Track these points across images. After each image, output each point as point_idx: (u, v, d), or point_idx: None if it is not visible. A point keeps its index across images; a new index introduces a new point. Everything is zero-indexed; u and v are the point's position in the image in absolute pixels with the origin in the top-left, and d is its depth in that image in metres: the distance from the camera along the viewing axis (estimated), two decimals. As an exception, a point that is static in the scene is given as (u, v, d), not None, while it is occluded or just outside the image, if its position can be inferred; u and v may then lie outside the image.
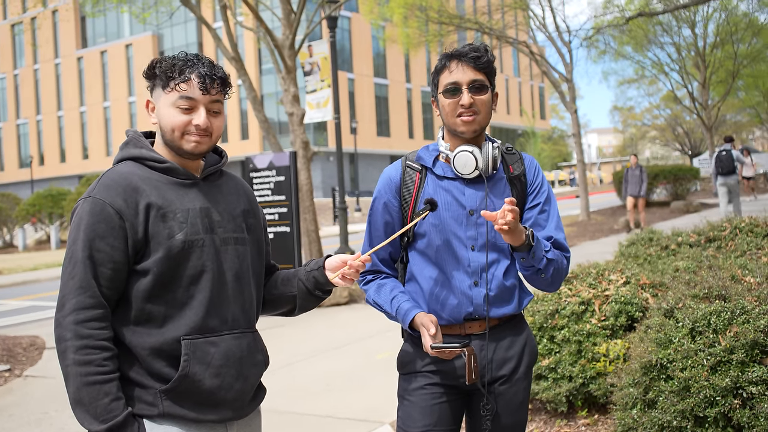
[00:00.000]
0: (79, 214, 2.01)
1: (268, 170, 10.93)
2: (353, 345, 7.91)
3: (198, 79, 2.07)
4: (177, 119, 2.07)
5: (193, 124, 2.08)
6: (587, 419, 4.43)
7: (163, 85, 2.08)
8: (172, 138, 2.09)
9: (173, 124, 2.07)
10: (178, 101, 2.07)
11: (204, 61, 2.10)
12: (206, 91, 2.07)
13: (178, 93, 2.06)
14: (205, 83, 2.07)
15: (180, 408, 2.01)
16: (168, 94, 2.08)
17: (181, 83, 2.06)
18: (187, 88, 2.06)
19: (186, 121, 2.07)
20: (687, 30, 32.55)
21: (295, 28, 12.02)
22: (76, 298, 1.94)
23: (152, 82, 2.12)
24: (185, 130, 2.08)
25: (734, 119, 51.02)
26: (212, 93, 2.09)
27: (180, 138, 2.09)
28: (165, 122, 2.09)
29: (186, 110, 2.07)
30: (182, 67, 2.06)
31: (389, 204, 2.50)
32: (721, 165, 15.35)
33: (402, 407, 2.51)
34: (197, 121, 2.07)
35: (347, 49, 53.25)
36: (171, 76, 2.07)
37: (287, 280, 2.34)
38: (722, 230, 5.87)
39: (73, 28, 60.72)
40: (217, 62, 2.18)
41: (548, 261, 2.40)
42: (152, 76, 2.11)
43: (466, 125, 2.39)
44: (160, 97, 2.10)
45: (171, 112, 2.07)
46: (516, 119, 70.54)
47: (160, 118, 2.10)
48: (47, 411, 6.12)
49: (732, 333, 3.12)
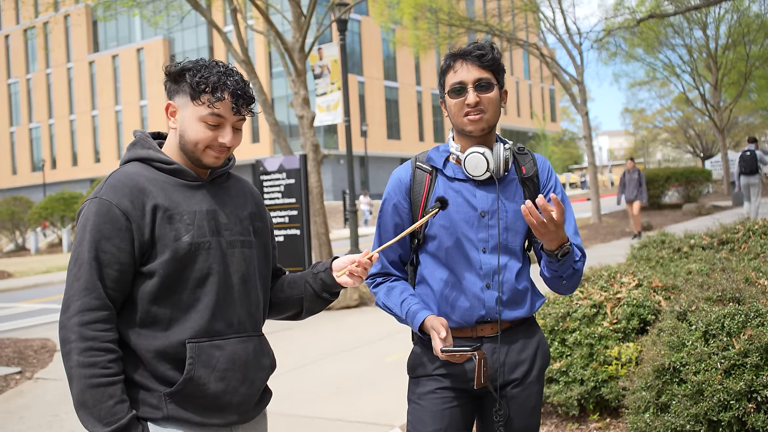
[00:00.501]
0: (85, 215, 1.99)
1: (279, 173, 10.93)
2: (363, 348, 7.89)
3: (231, 98, 2.04)
4: (204, 135, 2.05)
5: (218, 142, 2.06)
6: (599, 423, 4.39)
7: (192, 96, 2.04)
8: (194, 150, 2.07)
9: (199, 139, 2.05)
10: (207, 117, 2.04)
11: (236, 77, 2.07)
12: (238, 112, 2.06)
13: (209, 109, 2.03)
14: (238, 104, 2.05)
15: (185, 411, 1.99)
16: (197, 106, 2.04)
17: (215, 102, 2.02)
18: (220, 106, 2.03)
19: (212, 137, 2.05)
20: (698, 31, 32.42)
21: (305, 32, 12.03)
22: (81, 299, 1.92)
23: (176, 86, 2.08)
24: (209, 145, 2.06)
25: (746, 121, 50.70)
26: (242, 113, 2.08)
27: (202, 152, 2.07)
28: (190, 135, 2.06)
29: (213, 126, 2.05)
30: (216, 84, 2.03)
31: (399, 206, 2.47)
32: (744, 165, 15.88)
33: (412, 411, 2.47)
34: (223, 140, 2.06)
35: (357, 52, 53.30)
36: (204, 90, 2.03)
37: (294, 283, 2.32)
38: (735, 233, 5.82)
39: (84, 32, 61.04)
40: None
41: (574, 271, 2.37)
42: (179, 81, 2.07)
43: (473, 124, 2.36)
44: (187, 106, 2.06)
45: (198, 127, 2.05)
46: (527, 122, 70.40)
47: (185, 128, 2.07)
48: (58, 413, 6.13)
49: (746, 336, 3.08)
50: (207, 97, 2.03)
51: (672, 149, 68.76)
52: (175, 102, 2.09)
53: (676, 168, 27.77)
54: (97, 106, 61.80)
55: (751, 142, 16.46)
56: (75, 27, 59.95)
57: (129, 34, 60.22)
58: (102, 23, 59.45)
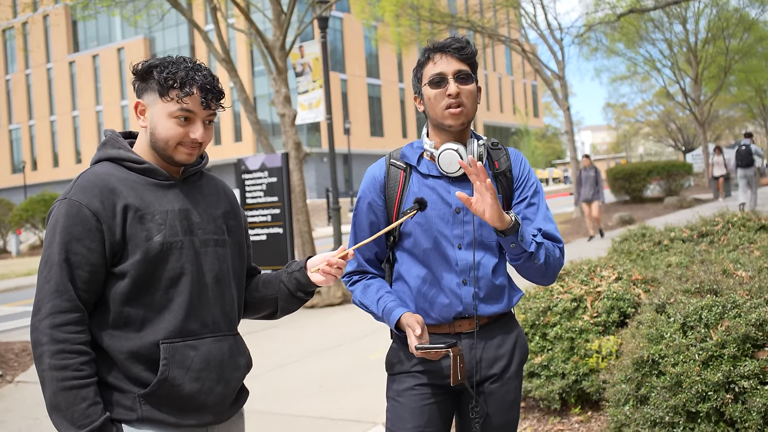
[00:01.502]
0: (55, 216, 1.97)
1: (261, 172, 10.90)
2: (346, 345, 7.88)
3: (200, 93, 2.03)
4: (174, 131, 2.03)
5: (189, 138, 2.04)
6: (580, 416, 4.40)
7: (160, 92, 2.02)
8: (165, 147, 2.05)
9: (170, 136, 2.03)
10: (177, 113, 2.02)
11: (204, 71, 2.05)
12: (207, 106, 2.04)
13: (178, 105, 2.01)
14: (207, 98, 2.03)
15: (159, 413, 1.97)
16: (166, 103, 2.02)
17: (184, 97, 2.01)
18: (189, 102, 2.02)
19: (183, 133, 2.03)
20: (678, 26, 32.61)
21: (285, 29, 11.98)
22: (52, 301, 1.90)
23: (144, 84, 2.06)
24: (180, 142, 2.04)
25: (727, 114, 51.16)
26: (212, 107, 2.06)
27: (174, 149, 2.05)
28: (161, 132, 2.03)
29: (184, 122, 2.03)
30: (184, 79, 2.01)
31: (374, 203, 2.46)
32: (740, 158, 17.25)
33: (391, 408, 2.46)
34: (194, 135, 2.04)
35: (339, 49, 53.19)
36: (172, 86, 2.01)
37: (269, 283, 2.30)
38: (715, 225, 5.87)
39: (64, 32, 60.54)
40: (209, 65, 2.14)
41: (538, 245, 2.35)
42: (147, 78, 2.05)
43: (453, 118, 2.34)
44: (156, 103, 2.04)
45: (168, 124, 2.02)
46: (509, 117, 70.58)
47: (155, 126, 2.04)
48: (38, 417, 6.08)
49: (723, 327, 3.10)
50: (175, 92, 2.01)
51: (654, 143, 69.26)
52: (144, 100, 2.07)
53: (657, 162, 27.95)
54: (78, 106, 61.32)
55: (747, 136, 17.60)
56: (54, 27, 59.44)
57: (109, 33, 59.76)
58: (82, 23, 59.01)
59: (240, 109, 50.11)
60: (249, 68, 51.01)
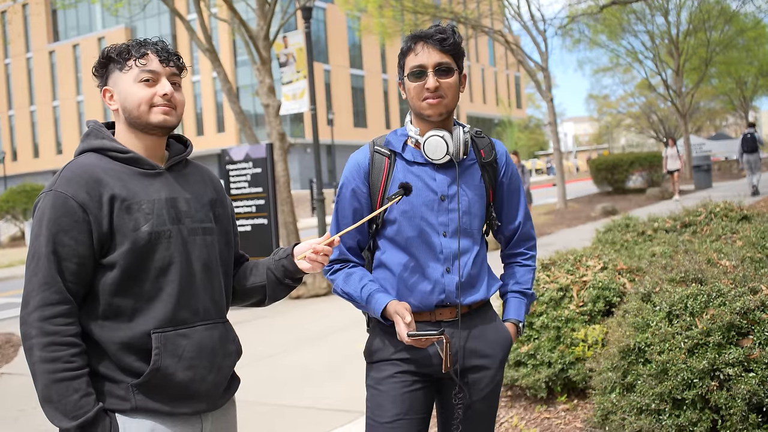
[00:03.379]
0: (41, 209, 1.96)
1: (245, 162, 10.86)
2: (333, 336, 7.90)
3: (155, 53, 2.07)
4: (142, 93, 2.04)
5: (159, 95, 2.05)
6: (567, 404, 4.45)
7: (120, 67, 2.06)
8: (139, 114, 2.05)
9: (140, 99, 2.04)
10: (140, 75, 2.05)
11: (154, 39, 2.12)
12: (167, 62, 2.07)
13: (138, 68, 2.05)
14: (163, 55, 2.07)
15: (153, 402, 1.98)
16: (127, 72, 2.06)
17: (139, 59, 2.05)
18: (146, 62, 2.05)
19: (152, 93, 2.05)
20: (660, 18, 32.80)
21: (269, 19, 11.93)
22: (41, 294, 1.90)
23: (104, 71, 2.10)
24: (152, 103, 2.05)
25: (708, 106, 51.50)
26: (171, 65, 2.08)
27: (147, 112, 2.05)
28: (131, 100, 2.05)
29: (148, 83, 2.05)
30: (137, 47, 2.07)
31: (357, 190, 2.45)
32: (746, 145, 19.82)
33: (371, 397, 2.45)
34: (163, 90, 2.05)
35: (323, 39, 52.99)
36: (127, 57, 2.05)
37: (256, 270, 2.31)
38: (698, 215, 5.92)
39: (44, 21, 59.85)
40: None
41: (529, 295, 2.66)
42: (105, 64, 2.09)
43: (431, 108, 2.35)
44: (120, 79, 2.07)
45: (134, 88, 2.05)
46: (492, 108, 70.69)
47: (124, 98, 2.06)
48: (24, 408, 6.05)
49: (708, 316, 3.14)
50: (132, 60, 2.05)
51: (636, 134, 69.66)
52: (109, 85, 2.10)
53: (639, 153, 28.13)
54: (58, 96, 60.71)
55: (751, 126, 20.52)
56: (34, 16, 58.74)
57: (90, 23, 59.13)
58: (62, 12, 58.39)
59: (223, 99, 49.81)
60: (232, 58, 50.69)
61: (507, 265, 2.68)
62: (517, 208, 2.58)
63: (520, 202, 2.59)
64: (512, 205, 2.57)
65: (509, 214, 2.58)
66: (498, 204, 2.55)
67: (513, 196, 2.57)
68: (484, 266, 2.49)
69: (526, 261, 2.65)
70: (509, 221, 2.59)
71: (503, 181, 2.53)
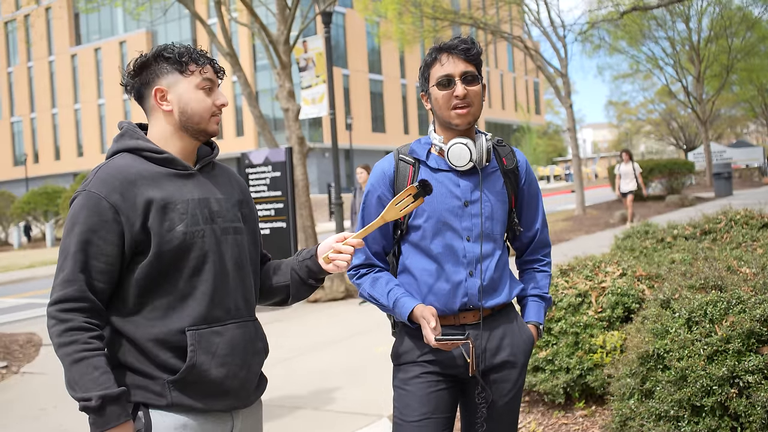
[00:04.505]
0: (74, 208, 2.02)
1: (264, 166, 10.92)
2: (351, 339, 7.92)
3: (209, 63, 2.14)
4: (205, 102, 2.12)
5: (216, 105, 2.14)
6: (585, 411, 4.44)
7: (180, 70, 2.10)
8: (200, 121, 2.12)
9: (204, 108, 2.11)
10: (202, 83, 2.11)
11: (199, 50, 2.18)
12: (220, 73, 2.17)
13: (201, 76, 2.11)
14: (217, 66, 2.16)
15: (188, 398, 2.02)
16: (189, 77, 2.11)
17: (202, 67, 2.12)
18: (207, 71, 2.12)
19: (212, 101, 2.13)
20: (681, 24, 32.63)
21: (289, 24, 11.99)
22: (63, 290, 1.95)
23: (155, 71, 2.11)
24: (213, 112, 2.13)
25: (729, 113, 51.13)
26: (219, 77, 2.17)
27: (208, 120, 2.13)
28: (194, 107, 2.11)
29: (208, 92, 2.13)
30: (192, 53, 2.12)
31: (383, 197, 2.51)
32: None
33: (398, 397, 2.51)
34: (221, 101, 2.15)
35: (342, 44, 53.15)
36: (188, 60, 2.11)
37: (280, 270, 2.35)
38: (718, 222, 5.88)
39: (66, 25, 60.46)
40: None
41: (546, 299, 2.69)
42: (155, 64, 2.11)
43: (460, 117, 2.43)
44: (179, 81, 2.11)
45: (198, 96, 2.11)
46: (511, 114, 70.52)
47: (186, 103, 2.10)
48: (45, 407, 6.12)
49: (728, 323, 3.13)
50: (194, 65, 2.11)
51: (655, 141, 69.19)
52: (162, 84, 2.11)
53: (659, 160, 27.97)
54: (80, 99, 61.28)
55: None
56: (57, 20, 59.34)
57: (111, 26, 59.68)
58: (84, 16, 58.94)
59: (242, 103, 50.08)
60: (251, 62, 50.98)
61: (524, 271, 2.74)
62: (536, 215, 2.66)
63: (538, 209, 2.66)
64: (531, 211, 2.65)
65: (528, 220, 2.65)
66: (518, 210, 2.62)
67: (532, 202, 2.65)
68: (505, 270, 2.55)
69: (543, 267, 2.72)
70: (528, 228, 2.66)
71: (524, 188, 2.61)
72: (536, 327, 2.61)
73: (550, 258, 2.74)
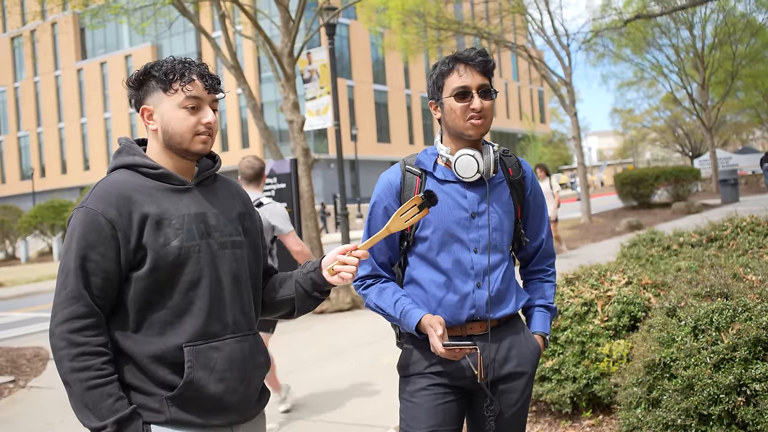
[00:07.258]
0: (72, 224, 2.02)
1: (269, 178, 10.93)
2: (357, 350, 7.91)
3: (201, 79, 2.08)
4: (187, 121, 2.07)
5: (202, 123, 2.08)
6: (592, 420, 4.42)
7: (164, 88, 2.07)
8: (181, 141, 2.08)
9: (185, 127, 2.07)
10: (185, 101, 2.06)
11: (197, 61, 2.13)
12: (212, 90, 2.10)
13: (184, 94, 2.06)
14: (208, 82, 2.09)
15: (186, 414, 2.02)
16: (172, 95, 2.06)
17: (186, 84, 2.06)
18: (192, 88, 2.07)
19: (195, 121, 2.08)
20: (685, 32, 32.67)
21: (293, 36, 12.04)
22: (69, 308, 1.95)
23: (144, 89, 2.10)
24: (196, 131, 2.08)
25: (734, 120, 51.01)
26: (214, 92, 2.11)
27: (190, 141, 2.08)
28: (175, 126, 2.07)
29: (192, 111, 2.08)
30: (182, 69, 2.07)
31: (390, 208, 2.50)
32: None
33: (405, 409, 2.50)
34: (207, 119, 2.08)
35: (346, 56, 53.33)
36: (173, 78, 2.06)
37: (285, 283, 2.33)
38: (723, 230, 5.87)
39: (72, 40, 60.87)
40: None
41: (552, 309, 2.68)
42: (144, 83, 2.10)
43: (475, 129, 2.42)
44: (162, 100, 2.08)
45: (180, 115, 2.06)
46: (516, 123, 70.59)
47: (167, 122, 2.07)
48: (51, 422, 6.12)
49: (735, 330, 3.12)
50: (178, 83, 2.06)
51: (661, 149, 69.09)
52: (148, 104, 2.11)
53: (665, 167, 27.93)
54: (86, 113, 61.58)
55: None
56: (62, 35, 59.76)
57: (117, 41, 60.05)
58: (89, 31, 59.23)
59: (247, 115, 50.22)
60: (256, 75, 51.17)
61: (530, 281, 2.73)
62: (541, 225, 2.66)
63: (543, 219, 2.66)
64: (536, 222, 2.65)
65: (534, 231, 2.65)
66: (523, 221, 2.62)
67: (537, 213, 2.64)
68: (512, 281, 2.55)
69: (548, 277, 2.72)
70: (533, 238, 2.66)
71: (529, 199, 2.61)
72: (542, 337, 2.61)
73: (555, 268, 2.74)
